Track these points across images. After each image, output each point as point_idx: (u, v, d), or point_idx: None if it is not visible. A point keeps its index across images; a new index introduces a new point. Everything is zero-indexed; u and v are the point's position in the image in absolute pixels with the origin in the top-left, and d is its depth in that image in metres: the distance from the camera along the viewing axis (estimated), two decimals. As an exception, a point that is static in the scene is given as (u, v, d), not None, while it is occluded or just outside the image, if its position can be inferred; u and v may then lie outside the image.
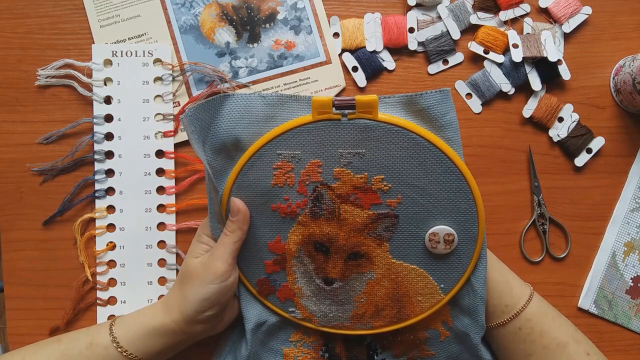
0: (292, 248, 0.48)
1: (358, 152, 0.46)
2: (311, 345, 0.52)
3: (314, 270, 0.49)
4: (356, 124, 0.46)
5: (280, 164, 0.47)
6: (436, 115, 0.46)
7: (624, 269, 0.58)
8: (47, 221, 0.55)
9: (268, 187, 0.47)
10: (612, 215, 0.58)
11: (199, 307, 0.45)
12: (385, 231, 0.47)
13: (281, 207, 0.48)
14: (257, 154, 0.47)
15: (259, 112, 0.47)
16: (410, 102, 0.46)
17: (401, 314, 0.49)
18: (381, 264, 0.48)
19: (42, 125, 0.56)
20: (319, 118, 0.46)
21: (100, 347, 0.45)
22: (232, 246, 0.46)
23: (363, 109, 0.45)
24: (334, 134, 0.46)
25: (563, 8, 0.57)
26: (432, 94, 0.46)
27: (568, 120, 0.57)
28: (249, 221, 0.47)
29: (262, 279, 0.50)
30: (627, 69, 0.56)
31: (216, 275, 0.45)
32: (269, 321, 0.51)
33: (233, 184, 0.47)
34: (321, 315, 0.50)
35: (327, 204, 0.47)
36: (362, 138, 0.46)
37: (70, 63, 0.55)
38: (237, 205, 0.47)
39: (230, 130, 0.46)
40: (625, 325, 0.58)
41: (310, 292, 0.49)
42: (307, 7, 0.57)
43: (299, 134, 0.46)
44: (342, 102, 0.45)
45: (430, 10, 0.57)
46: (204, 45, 0.56)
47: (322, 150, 0.46)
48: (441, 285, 0.48)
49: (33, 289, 0.55)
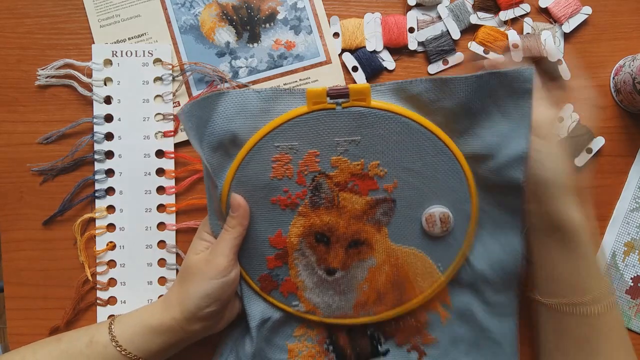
0: (294, 241, 0.49)
1: (354, 140, 0.47)
2: (315, 339, 0.52)
3: (316, 262, 0.49)
4: (350, 111, 0.47)
5: (278, 156, 0.47)
6: (426, 101, 0.47)
7: (624, 269, 0.58)
8: (47, 221, 0.55)
9: (267, 180, 0.48)
10: (612, 215, 0.58)
11: (200, 303, 0.45)
12: (384, 216, 0.48)
13: (281, 199, 0.48)
14: (254, 147, 0.47)
15: (255, 107, 0.47)
16: (400, 89, 0.47)
17: (402, 298, 0.50)
18: (381, 250, 0.49)
19: (42, 125, 0.56)
20: (314, 108, 0.47)
21: (99, 345, 0.45)
22: (233, 242, 0.47)
23: (356, 96, 0.46)
24: (330, 123, 0.47)
25: (563, 8, 0.57)
26: (421, 81, 0.47)
27: (568, 120, 0.57)
28: (249, 216, 0.48)
29: (264, 275, 0.50)
30: (627, 69, 0.56)
31: (218, 270, 0.46)
32: (273, 317, 0.51)
33: (232, 179, 0.48)
34: (325, 306, 0.50)
35: (326, 192, 0.48)
36: (357, 125, 0.47)
37: (70, 63, 0.55)
38: (238, 200, 0.47)
39: (227, 127, 0.47)
40: (626, 325, 0.58)
41: (312, 284, 0.50)
42: (307, 7, 0.57)
43: (295, 125, 0.47)
44: (336, 91, 0.46)
45: (430, 10, 0.57)
46: (204, 45, 0.56)
47: (319, 139, 0.47)
48: (438, 264, 0.49)
49: (33, 289, 0.55)
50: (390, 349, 0.52)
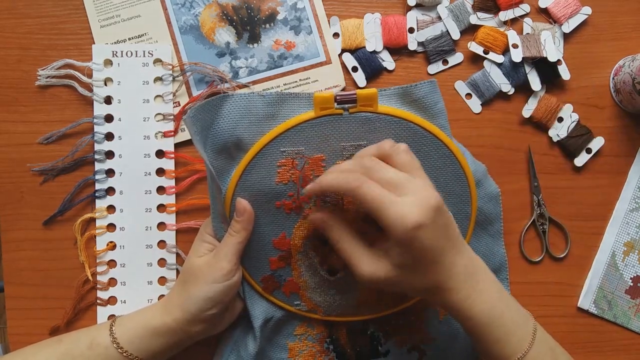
0: (298, 243, 0.49)
1: (360, 145, 0.48)
2: (315, 338, 0.52)
3: (319, 263, 0.49)
4: (358, 117, 0.47)
5: (284, 161, 0.47)
6: (429, 104, 0.48)
7: (624, 269, 0.58)
8: (48, 221, 0.55)
9: (272, 185, 0.48)
10: (612, 215, 0.58)
11: (202, 305, 0.45)
12: None
13: (286, 203, 0.48)
14: (260, 152, 0.47)
15: (260, 111, 0.47)
16: (405, 93, 0.48)
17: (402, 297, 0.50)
18: None
19: (43, 125, 0.56)
20: (321, 114, 0.47)
21: (100, 347, 0.45)
22: (237, 246, 0.47)
23: (364, 102, 0.47)
24: (337, 128, 0.47)
25: (563, 8, 0.57)
26: (424, 84, 0.48)
27: (568, 120, 0.57)
28: (253, 221, 0.48)
29: (266, 276, 0.50)
30: (626, 69, 0.56)
31: (221, 274, 0.46)
32: (275, 316, 0.51)
33: (236, 183, 0.48)
34: (326, 305, 0.50)
35: (331, 196, 0.48)
36: (364, 130, 0.47)
37: (71, 63, 0.55)
38: (243, 205, 0.47)
39: (231, 131, 0.47)
40: (625, 325, 0.58)
41: (315, 283, 0.50)
42: (307, 7, 0.57)
43: (302, 131, 0.47)
44: (344, 97, 0.47)
45: (430, 10, 0.58)
46: (204, 46, 0.56)
47: (326, 144, 0.47)
48: None
49: (33, 288, 0.55)
50: (390, 349, 0.52)
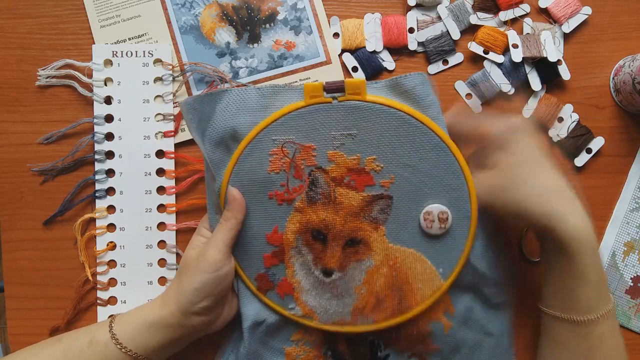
0: (290, 238, 0.49)
1: (350, 134, 0.48)
2: (313, 343, 0.51)
3: (312, 261, 0.48)
4: (346, 105, 0.47)
5: (276, 150, 0.48)
6: (420, 95, 0.48)
7: (624, 269, 0.58)
8: (48, 221, 0.55)
9: (265, 174, 0.48)
10: (612, 215, 0.58)
11: (192, 297, 0.45)
12: (381, 213, 0.48)
13: (278, 194, 0.48)
14: (253, 141, 0.48)
15: (255, 103, 0.48)
16: (395, 84, 0.48)
17: (402, 304, 0.48)
18: (379, 249, 0.48)
19: (43, 125, 0.56)
20: (310, 102, 0.47)
21: (100, 344, 0.45)
22: (226, 234, 0.47)
23: (352, 90, 0.47)
24: (326, 116, 0.48)
25: (563, 8, 0.57)
26: (414, 75, 0.48)
27: (568, 120, 0.57)
28: (244, 210, 0.48)
29: (261, 274, 0.50)
30: (626, 69, 0.56)
31: (209, 263, 0.46)
32: (267, 320, 0.50)
33: (230, 173, 0.48)
34: (321, 310, 0.49)
35: (322, 187, 0.48)
36: (353, 119, 0.47)
37: (71, 63, 0.55)
38: (233, 193, 0.47)
39: (228, 123, 0.48)
40: (625, 325, 0.58)
41: (309, 285, 0.49)
42: (307, 8, 0.57)
43: (292, 119, 0.48)
44: (332, 85, 0.47)
45: (430, 10, 0.58)
46: (204, 46, 0.56)
47: (316, 133, 0.48)
48: (440, 270, 0.48)
49: (33, 288, 0.55)
50: (390, 354, 0.52)
